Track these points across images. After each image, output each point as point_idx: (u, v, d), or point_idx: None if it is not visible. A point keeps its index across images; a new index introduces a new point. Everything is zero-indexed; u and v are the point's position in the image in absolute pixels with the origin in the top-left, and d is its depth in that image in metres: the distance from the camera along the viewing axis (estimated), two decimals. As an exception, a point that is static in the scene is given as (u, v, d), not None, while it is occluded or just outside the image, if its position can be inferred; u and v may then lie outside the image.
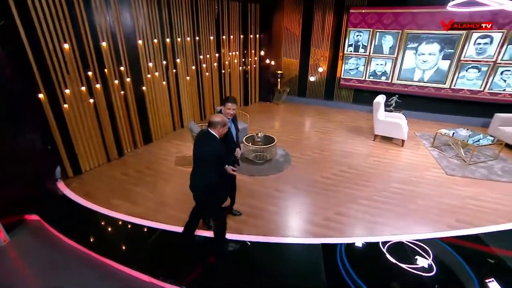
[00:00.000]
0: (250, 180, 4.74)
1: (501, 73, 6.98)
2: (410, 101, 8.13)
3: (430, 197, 4.31)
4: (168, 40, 5.99)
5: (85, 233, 3.52)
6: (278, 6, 8.75)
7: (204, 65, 7.19)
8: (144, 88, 5.69)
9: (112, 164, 5.21)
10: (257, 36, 8.73)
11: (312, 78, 9.27)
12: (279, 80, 9.29)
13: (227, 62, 7.91)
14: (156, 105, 6.09)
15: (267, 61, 9.24)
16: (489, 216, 3.88)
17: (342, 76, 8.74)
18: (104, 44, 4.66)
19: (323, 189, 4.44)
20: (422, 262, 3.07)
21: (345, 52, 8.42)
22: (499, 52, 6.82)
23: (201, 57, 7.03)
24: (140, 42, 5.32)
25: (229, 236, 3.43)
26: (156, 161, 5.39)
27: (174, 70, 6.38)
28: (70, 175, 4.60)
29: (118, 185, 4.53)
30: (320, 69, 9.01)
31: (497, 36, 6.72)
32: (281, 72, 9.28)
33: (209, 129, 2.72)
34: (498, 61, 6.91)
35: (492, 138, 5.76)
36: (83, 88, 4.47)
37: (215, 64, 7.55)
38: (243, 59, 8.55)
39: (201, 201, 2.96)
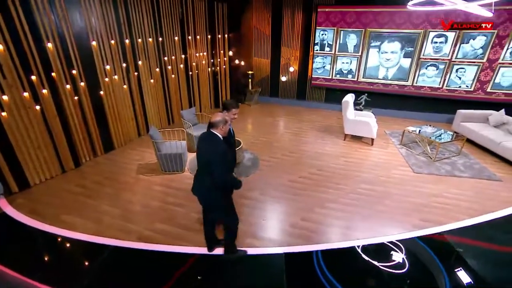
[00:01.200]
0: (215, 186, 4.52)
1: (456, 71, 7.29)
2: (380, 99, 8.27)
3: (397, 197, 4.30)
4: (127, 41, 5.65)
5: (22, 256, 3.17)
6: (246, 5, 8.59)
7: (169, 67, 6.88)
8: (102, 92, 5.32)
9: (67, 176, 4.81)
10: (226, 36, 8.52)
11: (283, 78, 9.19)
12: (250, 80, 9.13)
13: (194, 63, 7.64)
14: (117, 110, 5.73)
15: (237, 61, 9.06)
16: (451, 213, 3.92)
17: (313, 76, 8.73)
18: (50, 45, 4.27)
19: (291, 193, 4.32)
20: (388, 264, 3.01)
21: (314, 51, 8.42)
22: (454, 51, 7.11)
23: (166, 58, 6.72)
24: (94, 43, 4.95)
25: (189, 250, 3.23)
26: (118, 170, 5.05)
27: (136, 73, 6.04)
28: (14, 190, 4.18)
29: (71, 199, 4.16)
30: (291, 69, 8.94)
31: (451, 35, 7.00)
32: (252, 72, 9.13)
33: (211, 130, 2.61)
34: (453, 59, 7.20)
35: (451, 134, 5.90)
36: (26, 94, 4.07)
37: (182, 65, 7.26)
38: (212, 60, 8.31)
39: (207, 206, 2.86)
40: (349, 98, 6.27)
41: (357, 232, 3.52)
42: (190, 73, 7.61)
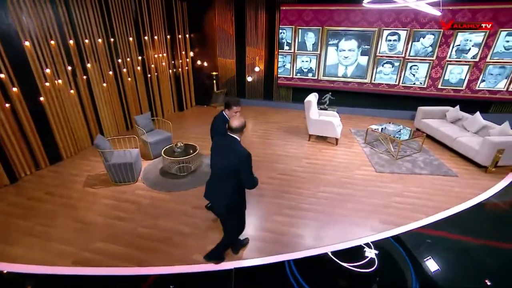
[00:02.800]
0: (166, 197, 4.23)
1: (410, 68, 7.51)
2: (346, 97, 8.31)
3: (358, 198, 4.22)
4: (71, 41, 5.19)
5: None
6: (208, 4, 8.29)
7: (124, 70, 6.45)
8: (42, 98, 4.83)
9: None
10: (187, 36, 8.18)
11: (249, 78, 9.00)
12: (214, 81, 8.84)
13: (153, 65, 7.25)
14: (63, 117, 5.25)
15: (199, 62, 8.74)
16: (409, 213, 3.88)
17: (278, 75, 8.62)
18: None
19: (248, 201, 4.08)
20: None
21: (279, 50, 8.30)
22: (406, 49, 7.32)
23: (120, 60, 6.30)
24: (27, 43, 4.47)
25: (131, 272, 2.93)
26: (62, 183, 4.60)
27: (84, 77, 5.58)
28: None
29: None
30: (257, 69, 8.77)
31: (403, 33, 7.19)
32: (216, 73, 8.85)
33: (232, 134, 2.50)
34: (407, 57, 7.40)
35: (409, 130, 5.98)
36: None
37: (139, 68, 6.85)
38: (173, 61, 7.95)
39: (229, 211, 2.70)
40: (312, 97, 6.17)
41: (314, 240, 3.37)
42: (149, 75, 7.21)
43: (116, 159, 4.44)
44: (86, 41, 5.45)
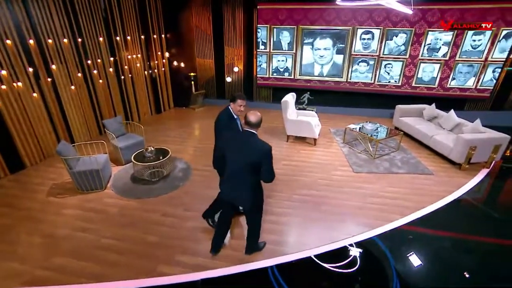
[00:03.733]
0: (135, 205, 4.01)
1: (385, 66, 7.57)
2: (325, 97, 8.28)
3: (335, 201, 4.13)
4: (31, 41, 4.88)
5: None
6: (184, 3, 8.07)
7: (95, 71, 6.16)
8: (-2, 102, 4.52)
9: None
10: (163, 36, 7.94)
11: (228, 79, 8.83)
12: (193, 83, 8.63)
13: (126, 67, 6.97)
14: (25, 123, 4.93)
15: (176, 63, 8.50)
16: (385, 214, 3.82)
17: (257, 75, 8.50)
18: None
19: (219, 206, 3.94)
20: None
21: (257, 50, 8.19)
22: (380, 47, 7.38)
23: (90, 62, 6.00)
24: (-22, 44, 4.16)
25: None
26: (23, 194, 4.30)
27: (49, 79, 5.27)
28: None
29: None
30: (236, 69, 8.61)
31: (376, 32, 7.25)
32: (195, 74, 8.64)
33: (251, 130, 2.48)
34: (381, 55, 7.47)
35: (386, 129, 5.98)
36: None
37: (111, 69, 6.56)
38: (148, 62, 7.69)
39: (253, 207, 2.72)
40: (289, 97, 6.08)
41: (286, 247, 3.25)
42: (123, 77, 6.93)
43: (82, 166, 4.19)
44: (49, 41, 5.15)
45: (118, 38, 6.54)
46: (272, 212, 3.83)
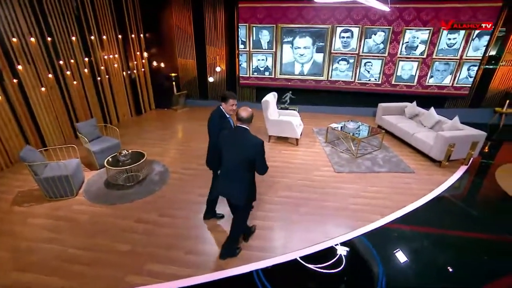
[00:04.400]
0: (107, 211, 3.81)
1: (365, 65, 7.61)
2: (309, 96, 8.24)
3: (315, 202, 4.04)
4: (-8, 40, 4.59)
5: None
6: (163, 1, 7.86)
7: (68, 72, 5.88)
8: (-43, 106, 4.22)
9: None
10: (141, 35, 7.71)
11: (211, 79, 8.67)
12: (174, 83, 8.42)
13: (103, 67, 6.70)
14: (-12, 126, 4.64)
15: (156, 63, 8.28)
16: (365, 214, 3.76)
17: (240, 75, 8.38)
18: None
19: (195, 211, 3.79)
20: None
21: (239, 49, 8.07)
22: (360, 45, 7.41)
23: (62, 62, 5.72)
24: None
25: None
26: (-14, 202, 4.03)
27: (15, 80, 4.98)
28: None
29: None
30: (218, 69, 8.46)
31: (355, 30, 7.28)
32: (176, 74, 8.43)
33: (243, 125, 2.53)
34: (360, 53, 7.50)
35: (368, 127, 5.97)
36: None
37: (86, 70, 6.29)
38: (127, 63, 7.44)
39: (247, 201, 2.74)
40: (270, 97, 5.98)
41: (266, 252, 3.13)
42: (99, 78, 6.66)
43: (49, 172, 3.95)
44: (14, 39, 4.85)
45: (92, 37, 6.28)
46: (255, 216, 3.70)
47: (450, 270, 2.93)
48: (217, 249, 3.12)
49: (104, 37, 6.58)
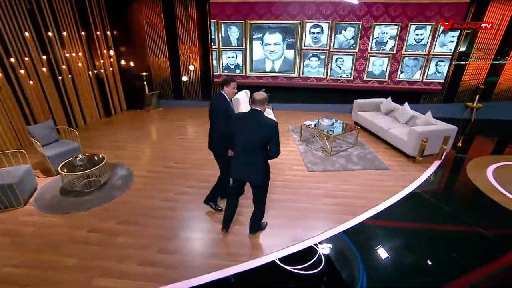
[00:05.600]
0: (59, 221, 3.46)
1: (336, 61, 7.55)
2: (283, 93, 8.11)
3: (284, 204, 3.82)
4: None
5: None
6: (130, -3, 7.49)
7: (22, 71, 5.42)
8: None
9: None
10: (108, 33, 7.30)
11: (184, 78, 8.36)
12: (145, 83, 8.05)
13: (64, 66, 6.26)
14: None
15: (124, 62, 7.90)
16: (336, 214, 3.60)
17: (214, 73, 8.13)
18: None
19: (157, 217, 3.51)
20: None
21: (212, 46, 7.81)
22: (330, 41, 7.36)
23: (13, 60, 5.26)
24: None
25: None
26: None
27: (-42, 79, 4.52)
28: None
29: None
30: (191, 67, 8.16)
31: (325, 26, 7.22)
32: (147, 73, 8.06)
33: (256, 107, 2.62)
34: (331, 49, 7.44)
35: (342, 124, 5.88)
36: None
37: (44, 69, 5.84)
38: (93, 61, 7.01)
39: (263, 181, 2.81)
40: (241, 95, 5.77)
41: (227, 260, 2.90)
42: (60, 77, 6.22)
43: (-8, 180, 3.55)
44: (-44, 35, 4.40)
45: (50, 33, 5.84)
46: (215, 219, 3.46)
47: (426, 264, 2.86)
48: (176, 258, 2.85)
49: (65, 33, 6.15)
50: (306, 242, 3.12)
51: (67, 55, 6.28)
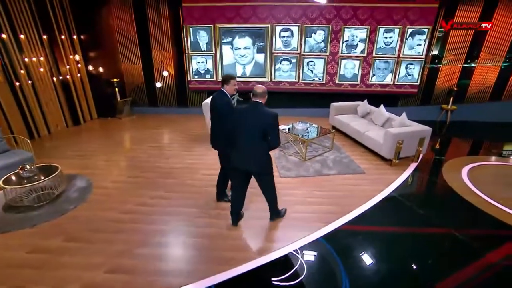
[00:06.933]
0: (-3, 241, 3.07)
1: (307, 64, 7.51)
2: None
3: (253, 213, 3.54)
4: None
5: None
6: (100, 0, 7.17)
7: (-28, 76, 5.00)
8: None
9: None
10: (74, 37, 6.94)
11: (158, 84, 8.06)
12: (117, 89, 7.69)
13: (22, 71, 5.83)
14: None
15: (92, 67, 7.50)
16: (307, 223, 3.36)
17: (189, 79, 7.87)
18: None
19: (111, 231, 3.17)
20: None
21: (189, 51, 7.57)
22: (301, 45, 7.32)
23: (-38, 64, 4.84)
24: None
25: None
26: None
27: None
28: None
29: None
30: (165, 73, 7.89)
31: (295, 29, 7.19)
32: (118, 80, 7.71)
33: (257, 100, 2.80)
34: (302, 52, 7.39)
35: (317, 128, 5.75)
36: None
37: (-3, 74, 5.41)
38: (57, 67, 6.62)
39: (263, 170, 2.94)
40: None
41: (185, 277, 2.60)
42: (18, 83, 5.78)
43: None
44: None
45: (4, 36, 5.44)
46: (175, 233, 3.17)
47: (402, 268, 2.72)
48: (126, 279, 2.53)
49: (22, 36, 5.75)
50: (272, 254, 2.86)
51: (26, 59, 5.87)
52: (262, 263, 2.75)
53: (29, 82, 6.00)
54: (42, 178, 3.61)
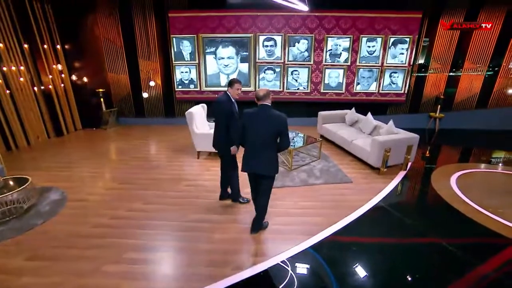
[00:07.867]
0: (-50, 261, 2.82)
1: (292, 73, 7.51)
2: (241, 107, 7.80)
3: (235, 225, 3.39)
4: None
5: None
6: (83, 9, 7.09)
7: None
8: None
9: None
10: (58, 46, 6.83)
11: (145, 95, 7.93)
12: (102, 100, 7.54)
13: (0, 81, 5.66)
14: None
15: (75, 77, 7.36)
16: (290, 235, 3.20)
17: (176, 89, 7.77)
18: None
19: (81, 248, 2.96)
20: None
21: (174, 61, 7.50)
22: (284, 54, 7.35)
23: None
24: None
25: None
26: None
27: None
28: None
29: None
30: (152, 83, 7.77)
31: (278, 38, 7.22)
32: (103, 90, 7.56)
33: (263, 103, 2.78)
34: (286, 62, 7.41)
35: (303, 137, 5.66)
36: None
37: (-25, 83, 5.23)
38: (39, 77, 6.46)
39: (273, 173, 2.93)
40: (197, 109, 5.42)
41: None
42: (-4, 93, 5.61)
43: None
44: None
45: (-18, 44, 5.30)
46: (146, 248, 2.96)
47: (391, 279, 2.55)
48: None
49: (1, 45, 5.61)
50: (247, 272, 2.67)
51: (5, 68, 5.71)
52: (240, 279, 2.57)
53: (7, 91, 5.82)
54: (9, 191, 3.40)
